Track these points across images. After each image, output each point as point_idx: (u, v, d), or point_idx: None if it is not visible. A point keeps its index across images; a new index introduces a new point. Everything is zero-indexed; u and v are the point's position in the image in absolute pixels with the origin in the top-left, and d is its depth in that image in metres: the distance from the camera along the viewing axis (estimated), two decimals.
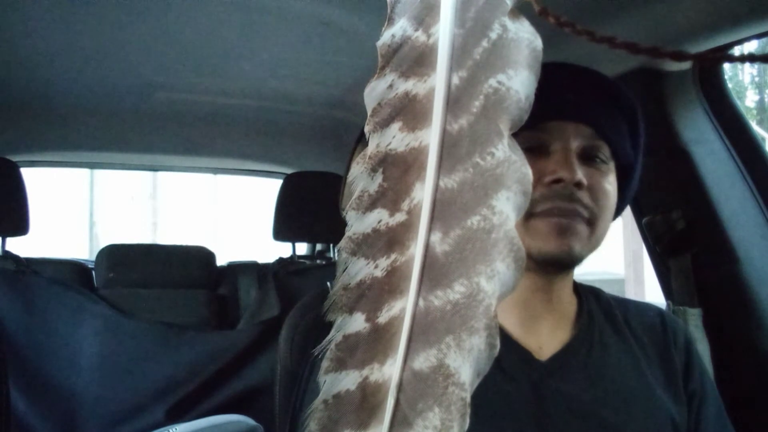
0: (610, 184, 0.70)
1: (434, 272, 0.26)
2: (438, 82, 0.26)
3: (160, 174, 6.39)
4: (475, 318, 0.25)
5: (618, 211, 0.75)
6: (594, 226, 0.68)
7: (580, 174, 0.66)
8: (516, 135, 0.74)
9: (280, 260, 1.86)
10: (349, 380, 0.27)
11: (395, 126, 0.27)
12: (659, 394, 0.70)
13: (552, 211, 0.66)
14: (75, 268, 1.72)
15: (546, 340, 0.71)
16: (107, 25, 1.14)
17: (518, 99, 0.25)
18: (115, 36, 1.19)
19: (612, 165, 0.71)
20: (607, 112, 0.71)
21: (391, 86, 0.27)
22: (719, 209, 1.01)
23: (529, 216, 0.67)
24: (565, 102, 0.69)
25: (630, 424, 0.67)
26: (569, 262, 0.69)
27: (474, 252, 0.25)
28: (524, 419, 0.65)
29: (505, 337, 0.70)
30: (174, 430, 1.11)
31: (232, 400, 1.51)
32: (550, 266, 0.69)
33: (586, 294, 0.77)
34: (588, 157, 0.69)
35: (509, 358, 0.68)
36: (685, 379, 0.73)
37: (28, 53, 1.28)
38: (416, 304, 0.26)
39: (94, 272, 1.75)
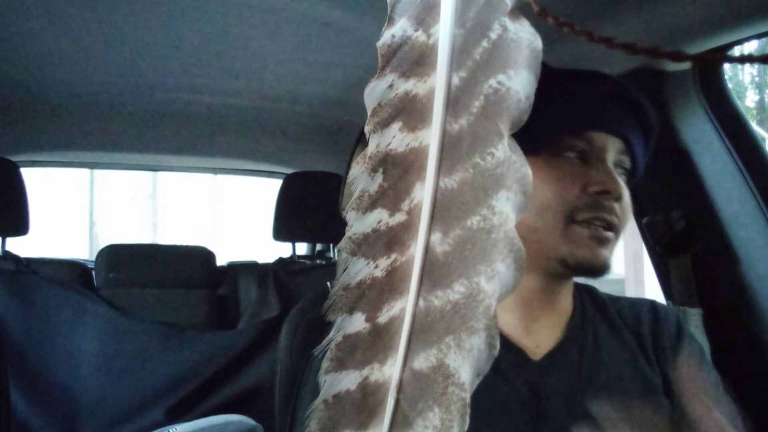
0: (629, 197, 0.72)
1: (434, 272, 0.26)
2: (438, 82, 0.26)
3: (160, 174, 6.40)
4: (475, 318, 0.25)
5: None
6: (618, 237, 0.70)
7: (623, 187, 0.68)
8: (555, 140, 0.74)
9: (280, 260, 1.86)
10: (349, 380, 0.27)
11: (395, 126, 0.27)
12: (655, 389, 0.70)
13: (595, 221, 0.68)
14: (75, 268, 1.73)
15: (543, 339, 0.71)
16: (107, 25, 1.14)
17: (518, 99, 0.25)
18: (115, 36, 1.19)
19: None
20: (636, 128, 0.73)
21: (391, 86, 0.27)
22: (719, 209, 1.01)
23: (569, 222, 0.68)
24: (609, 115, 0.71)
25: (626, 419, 0.67)
26: (604, 270, 0.70)
27: (474, 252, 0.25)
28: (520, 418, 0.65)
29: (501, 338, 0.70)
30: (174, 430, 1.11)
31: (232, 400, 1.51)
32: (585, 274, 0.70)
33: (581, 292, 0.78)
34: (617, 170, 0.71)
35: (504, 358, 0.68)
36: (674, 360, 0.74)
37: (28, 53, 1.28)
38: (416, 304, 0.26)
39: (94, 272, 1.75)
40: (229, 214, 7.78)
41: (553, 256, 0.68)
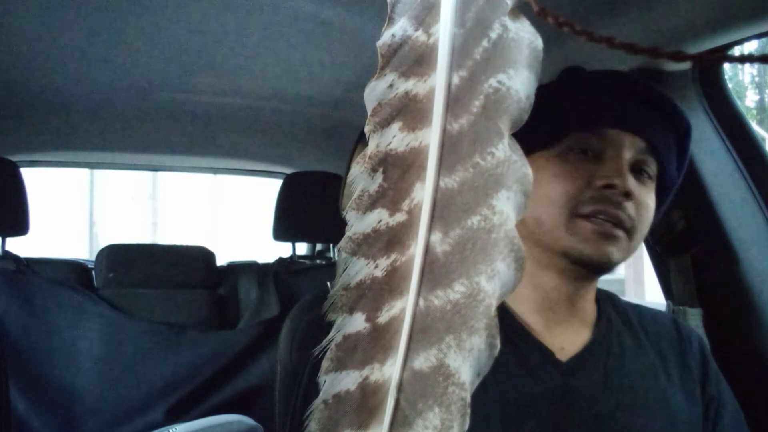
0: (652, 201, 0.70)
1: (434, 272, 0.26)
2: (438, 81, 0.26)
3: (160, 174, 6.40)
4: (476, 318, 0.25)
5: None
6: (632, 238, 0.68)
7: (632, 184, 0.67)
8: (570, 136, 0.73)
9: (280, 260, 1.86)
10: (349, 380, 0.27)
11: (395, 126, 0.27)
12: (676, 398, 0.70)
13: (598, 215, 0.66)
14: (75, 268, 1.72)
15: (568, 341, 0.71)
16: (107, 25, 1.14)
17: (518, 99, 0.25)
18: (114, 36, 1.19)
19: (654, 183, 0.71)
20: (664, 130, 0.71)
21: (391, 86, 0.27)
22: (719, 209, 1.01)
23: (573, 216, 0.67)
24: (626, 112, 0.70)
25: (645, 426, 0.67)
26: (606, 267, 0.69)
27: (474, 252, 0.25)
28: (544, 417, 0.65)
29: (528, 336, 0.70)
30: (174, 430, 1.11)
31: (232, 400, 1.51)
32: (585, 268, 0.69)
33: (604, 299, 0.78)
34: (637, 171, 0.69)
35: (532, 356, 0.68)
36: (702, 384, 0.73)
37: (28, 53, 1.28)
38: (416, 304, 0.26)
39: (94, 272, 1.75)
40: (229, 214, 7.79)
41: (556, 250, 0.68)
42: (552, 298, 0.71)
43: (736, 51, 0.96)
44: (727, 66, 1.59)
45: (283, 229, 1.81)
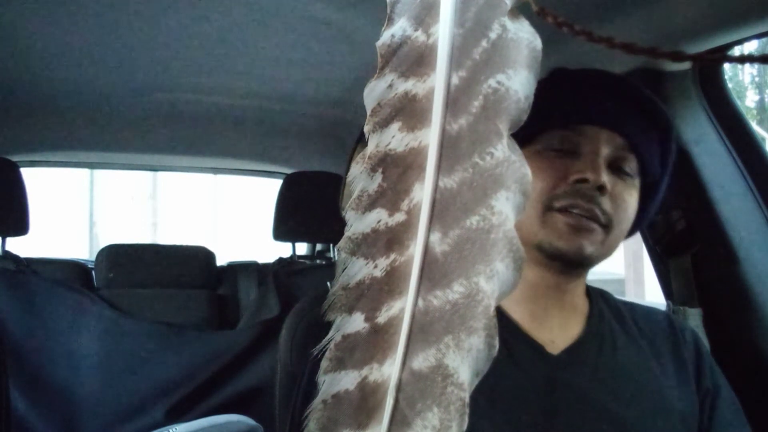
0: (632, 197, 0.71)
1: (433, 272, 0.26)
2: (437, 82, 0.26)
3: (160, 174, 6.41)
4: (474, 318, 0.25)
5: (636, 228, 0.75)
6: (609, 232, 0.69)
7: (605, 178, 0.67)
8: (549, 133, 0.74)
9: (280, 260, 1.86)
10: (348, 380, 0.27)
11: (395, 126, 0.27)
12: (669, 390, 0.71)
13: (570, 208, 0.67)
14: (75, 268, 1.73)
15: (558, 334, 0.71)
16: (107, 25, 1.14)
17: (517, 99, 0.25)
18: (115, 36, 1.19)
19: (637, 181, 0.72)
20: (642, 127, 0.72)
21: (390, 86, 0.27)
22: (719, 209, 1.01)
23: (547, 209, 0.68)
24: (602, 109, 0.70)
25: (639, 419, 0.67)
26: (579, 261, 0.69)
27: (473, 252, 0.25)
28: (536, 410, 0.65)
29: (517, 330, 0.71)
30: (174, 430, 1.11)
31: (232, 400, 1.51)
32: (559, 262, 0.69)
33: (596, 295, 0.78)
34: (615, 167, 0.70)
35: (522, 350, 0.69)
36: (697, 377, 0.74)
37: (28, 53, 1.28)
38: (415, 304, 0.26)
39: (94, 272, 1.75)
40: (229, 214, 7.79)
41: (532, 243, 0.69)
42: (538, 292, 0.72)
43: (736, 51, 0.96)
44: (727, 66, 1.59)
45: (283, 229, 1.81)
